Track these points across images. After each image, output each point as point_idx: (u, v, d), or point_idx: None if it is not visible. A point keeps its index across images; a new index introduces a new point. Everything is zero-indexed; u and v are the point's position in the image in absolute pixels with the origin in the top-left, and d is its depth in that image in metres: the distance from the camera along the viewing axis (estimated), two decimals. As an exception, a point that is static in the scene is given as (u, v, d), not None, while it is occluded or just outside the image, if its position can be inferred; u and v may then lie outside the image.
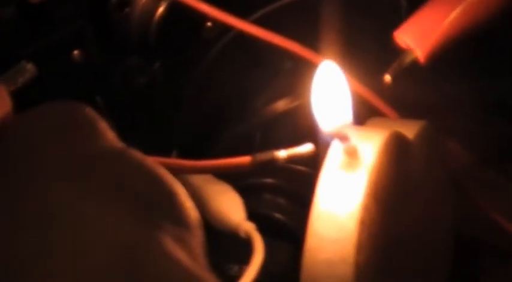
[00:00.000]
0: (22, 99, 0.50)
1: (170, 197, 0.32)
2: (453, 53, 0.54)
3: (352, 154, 0.43)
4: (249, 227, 0.50)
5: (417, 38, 0.54)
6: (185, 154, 0.56)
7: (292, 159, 0.43)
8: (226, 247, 0.52)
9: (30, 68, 0.48)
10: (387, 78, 0.53)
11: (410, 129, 0.48)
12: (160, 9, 0.55)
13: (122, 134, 0.35)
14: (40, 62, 0.50)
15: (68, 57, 0.53)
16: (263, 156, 0.43)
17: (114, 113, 0.54)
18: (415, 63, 0.53)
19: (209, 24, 0.56)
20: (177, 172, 0.41)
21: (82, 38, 0.53)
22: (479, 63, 0.59)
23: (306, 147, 0.43)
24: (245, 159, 0.43)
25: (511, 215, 0.57)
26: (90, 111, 0.34)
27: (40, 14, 0.51)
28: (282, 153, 0.43)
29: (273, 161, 0.43)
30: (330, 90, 0.42)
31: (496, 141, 0.60)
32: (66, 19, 0.52)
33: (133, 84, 0.57)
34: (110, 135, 0.33)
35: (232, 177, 0.54)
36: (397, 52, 0.53)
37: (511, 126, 0.60)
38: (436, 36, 0.53)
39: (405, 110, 0.55)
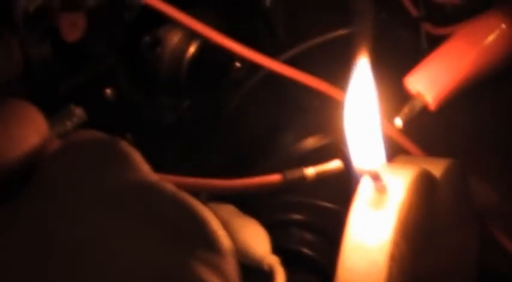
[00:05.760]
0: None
1: (203, 226, 0.32)
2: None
3: (381, 191, 0.44)
4: (272, 260, 0.51)
5: (428, 84, 0.53)
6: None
7: (321, 178, 0.44)
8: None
9: (79, 112, 0.48)
10: (398, 122, 0.53)
11: (437, 167, 0.49)
12: (191, 50, 0.56)
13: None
14: (73, 98, 0.51)
15: (101, 94, 0.54)
16: (293, 173, 0.44)
17: (144, 149, 0.55)
18: (425, 109, 0.53)
19: (238, 64, 0.58)
20: (210, 192, 0.42)
21: (114, 76, 0.55)
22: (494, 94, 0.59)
23: (334, 164, 0.44)
24: (276, 177, 0.44)
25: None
26: (125, 144, 0.35)
27: (75, 52, 0.52)
28: (311, 171, 0.44)
29: (303, 178, 0.44)
30: (363, 121, 0.43)
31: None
32: (99, 57, 0.54)
33: (162, 121, 0.58)
34: (145, 168, 0.34)
35: (258, 213, 0.54)
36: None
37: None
38: (447, 82, 0.53)
39: (428, 148, 0.56)
